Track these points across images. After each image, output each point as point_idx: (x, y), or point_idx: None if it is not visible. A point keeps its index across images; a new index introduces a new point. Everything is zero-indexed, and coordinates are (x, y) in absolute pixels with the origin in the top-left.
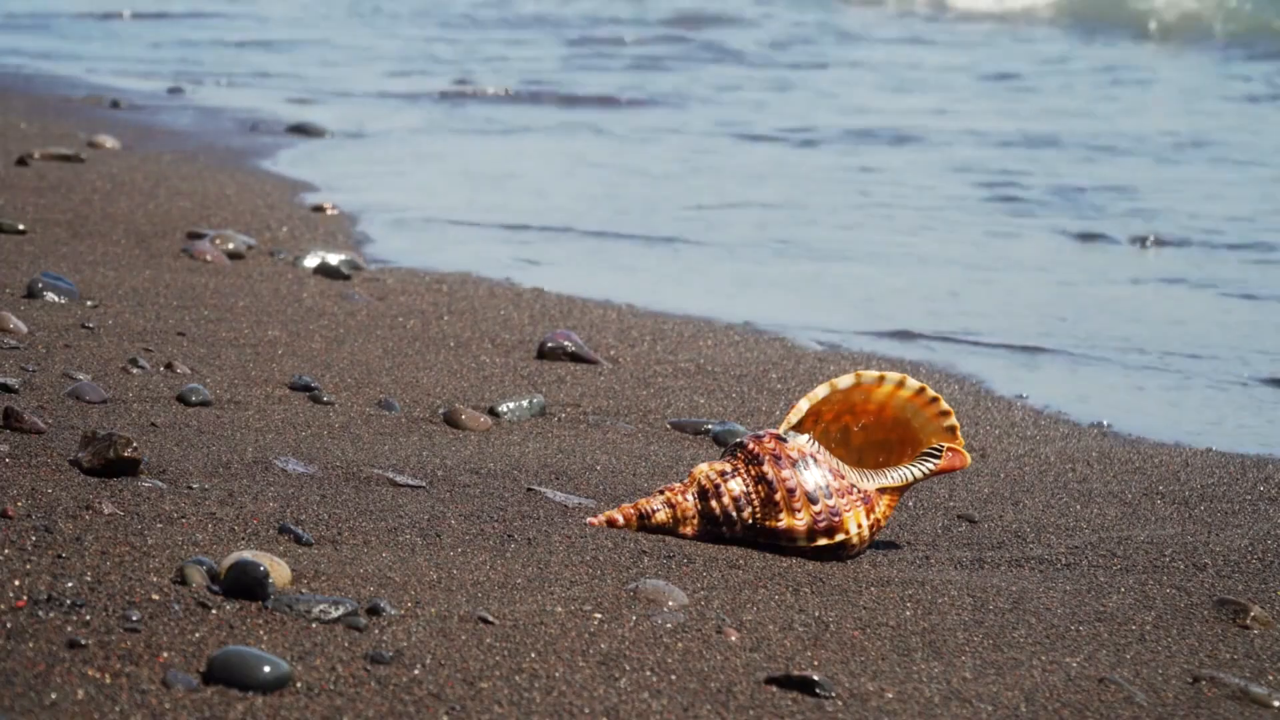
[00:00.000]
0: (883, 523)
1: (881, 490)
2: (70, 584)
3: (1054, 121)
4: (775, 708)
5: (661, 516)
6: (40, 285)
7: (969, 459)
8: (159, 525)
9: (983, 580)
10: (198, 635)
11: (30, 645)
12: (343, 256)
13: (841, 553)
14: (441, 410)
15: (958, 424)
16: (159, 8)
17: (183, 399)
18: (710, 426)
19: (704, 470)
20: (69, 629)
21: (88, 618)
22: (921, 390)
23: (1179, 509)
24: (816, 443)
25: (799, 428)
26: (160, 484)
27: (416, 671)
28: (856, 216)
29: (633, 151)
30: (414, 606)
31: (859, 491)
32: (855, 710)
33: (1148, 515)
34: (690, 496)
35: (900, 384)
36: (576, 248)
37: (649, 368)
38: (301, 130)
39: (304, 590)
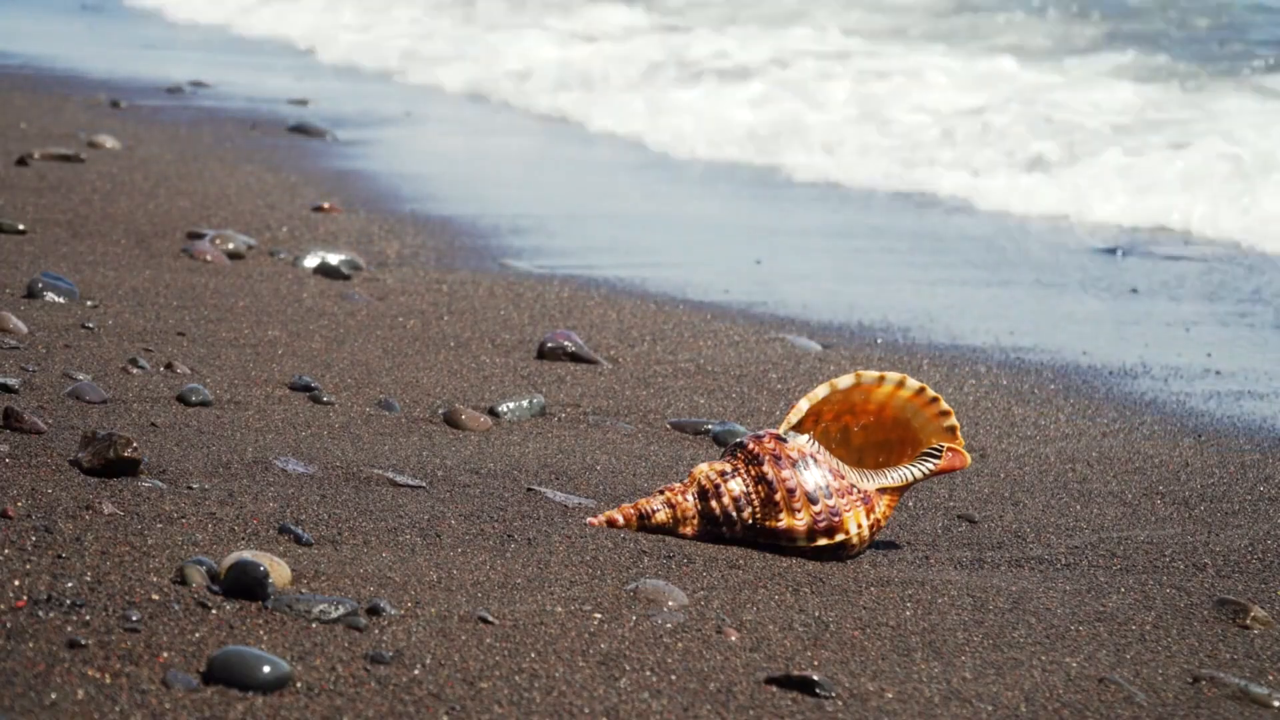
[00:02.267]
0: (883, 523)
1: (881, 490)
2: (70, 584)
3: None
4: (775, 708)
5: (661, 516)
6: (40, 285)
7: (969, 459)
8: (159, 525)
9: (983, 580)
10: (198, 635)
11: (30, 645)
12: (343, 256)
13: (841, 553)
14: (441, 410)
15: (958, 424)
16: None
17: (183, 399)
18: (710, 426)
19: (704, 470)
20: (69, 629)
21: (88, 618)
22: (921, 390)
23: (1179, 509)
24: (816, 443)
25: (799, 428)
26: (160, 484)
27: (416, 671)
28: None
29: None
30: (414, 606)
31: (859, 491)
32: (855, 710)
33: (1148, 515)
34: (690, 496)
35: (900, 384)
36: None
37: (649, 368)
38: (302, 130)
39: (304, 590)
